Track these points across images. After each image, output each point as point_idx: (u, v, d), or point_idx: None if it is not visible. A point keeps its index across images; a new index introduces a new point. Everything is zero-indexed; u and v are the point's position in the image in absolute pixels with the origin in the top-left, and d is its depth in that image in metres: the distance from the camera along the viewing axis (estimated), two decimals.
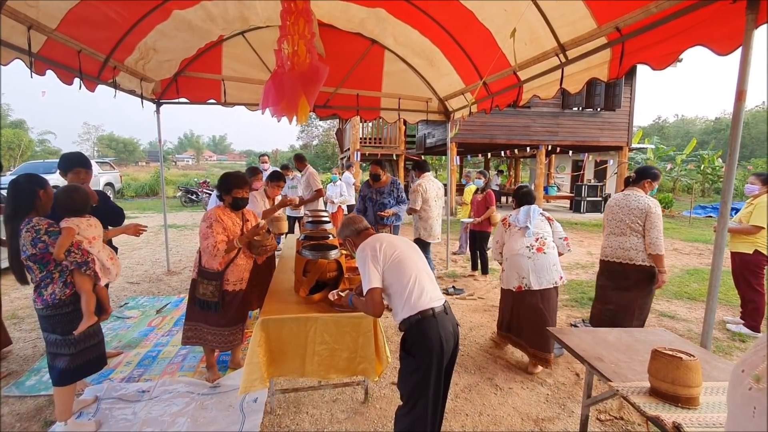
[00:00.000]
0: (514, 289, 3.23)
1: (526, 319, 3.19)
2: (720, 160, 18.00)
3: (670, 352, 1.46)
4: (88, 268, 2.29)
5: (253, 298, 3.14)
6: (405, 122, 13.44)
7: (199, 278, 2.80)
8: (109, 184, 15.91)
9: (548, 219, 3.36)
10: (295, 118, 2.15)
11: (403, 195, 4.67)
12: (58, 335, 2.22)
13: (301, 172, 6.56)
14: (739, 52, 1.95)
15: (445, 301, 1.94)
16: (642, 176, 3.38)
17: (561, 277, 3.21)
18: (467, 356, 3.43)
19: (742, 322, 4.09)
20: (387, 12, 4.17)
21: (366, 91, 5.56)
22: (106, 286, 2.49)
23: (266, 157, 7.77)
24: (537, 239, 3.19)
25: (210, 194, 15.00)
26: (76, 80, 3.53)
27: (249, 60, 5.07)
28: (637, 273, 3.25)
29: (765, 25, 1.87)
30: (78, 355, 2.28)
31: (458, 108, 5.42)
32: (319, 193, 6.26)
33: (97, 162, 16.44)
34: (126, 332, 3.79)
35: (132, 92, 4.53)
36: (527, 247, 3.17)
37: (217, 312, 2.80)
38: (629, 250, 3.29)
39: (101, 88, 3.97)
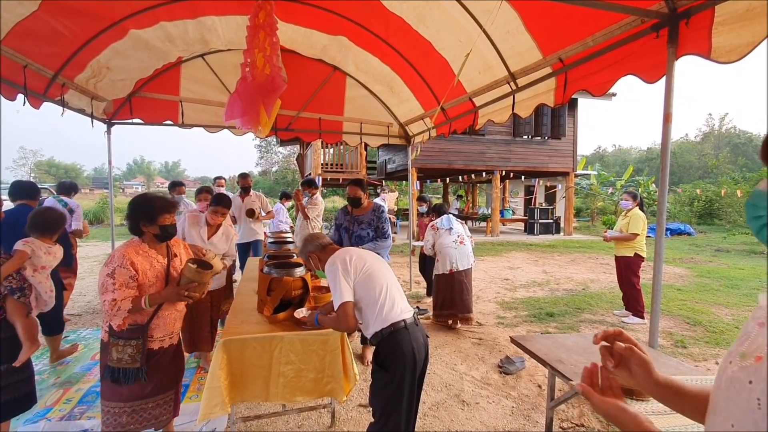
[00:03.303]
0: (447, 272, 4.47)
1: (457, 292, 4.45)
2: (654, 185, 19.69)
3: None
4: (23, 295, 2.12)
5: (185, 339, 2.81)
6: (366, 147, 13.70)
7: (110, 339, 1.95)
8: None
9: (461, 222, 4.77)
10: (259, 130, 2.15)
11: (385, 226, 3.59)
12: None
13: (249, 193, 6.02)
14: (663, 80, 2.22)
15: (414, 312, 1.96)
16: None
17: (473, 261, 4.69)
18: (434, 374, 3.43)
19: (630, 313, 4.95)
20: (348, 40, 4.33)
21: (328, 115, 5.65)
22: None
23: (223, 181, 7.25)
24: (458, 236, 4.57)
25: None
26: (20, 96, 3.33)
27: (209, 82, 5.01)
28: None
29: (684, 57, 2.14)
30: (5, 389, 2.06)
31: (418, 132, 5.62)
32: (270, 215, 6.15)
33: None
34: (65, 367, 3.46)
35: (81, 111, 4.31)
36: (453, 241, 4.53)
37: (138, 383, 1.98)
38: None
39: (47, 110, 3.76)
